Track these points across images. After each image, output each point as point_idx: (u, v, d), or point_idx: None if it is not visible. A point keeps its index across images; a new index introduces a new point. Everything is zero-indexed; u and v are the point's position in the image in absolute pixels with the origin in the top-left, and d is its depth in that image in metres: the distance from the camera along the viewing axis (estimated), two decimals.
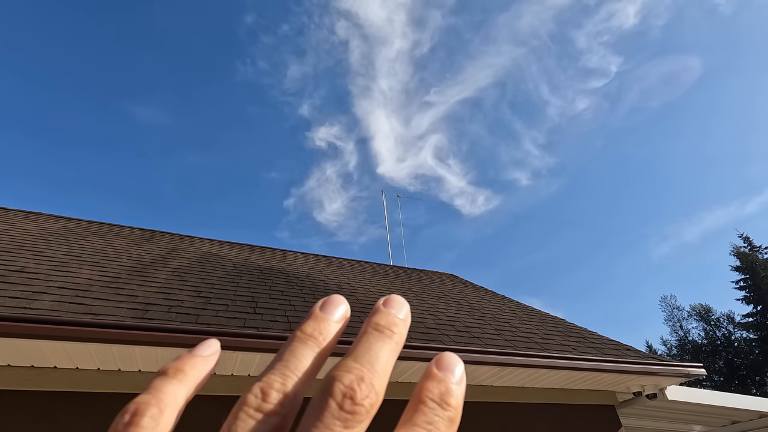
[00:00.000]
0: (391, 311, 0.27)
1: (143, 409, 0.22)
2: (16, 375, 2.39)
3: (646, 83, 59.84)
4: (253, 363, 2.65)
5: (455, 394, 0.24)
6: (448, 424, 0.22)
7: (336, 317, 0.27)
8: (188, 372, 0.25)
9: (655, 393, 3.75)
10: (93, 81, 58.88)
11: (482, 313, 4.82)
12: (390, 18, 62.16)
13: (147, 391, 0.23)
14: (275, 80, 67.48)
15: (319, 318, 0.27)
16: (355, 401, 0.21)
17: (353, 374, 0.22)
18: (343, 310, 0.28)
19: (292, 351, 0.24)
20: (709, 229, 57.51)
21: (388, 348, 0.25)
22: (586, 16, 58.88)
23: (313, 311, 0.27)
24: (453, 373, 0.25)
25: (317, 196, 75.78)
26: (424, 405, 0.23)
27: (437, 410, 0.22)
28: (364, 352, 0.24)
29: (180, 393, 0.24)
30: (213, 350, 0.28)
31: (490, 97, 67.48)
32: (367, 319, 0.26)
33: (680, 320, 36.23)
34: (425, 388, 0.23)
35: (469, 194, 71.84)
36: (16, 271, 2.93)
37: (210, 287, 3.57)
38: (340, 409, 0.20)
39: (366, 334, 0.25)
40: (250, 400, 0.21)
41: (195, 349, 0.27)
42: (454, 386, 0.24)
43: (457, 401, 0.23)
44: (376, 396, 0.22)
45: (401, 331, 0.26)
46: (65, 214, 5.94)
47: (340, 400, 0.21)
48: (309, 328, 0.26)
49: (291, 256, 6.67)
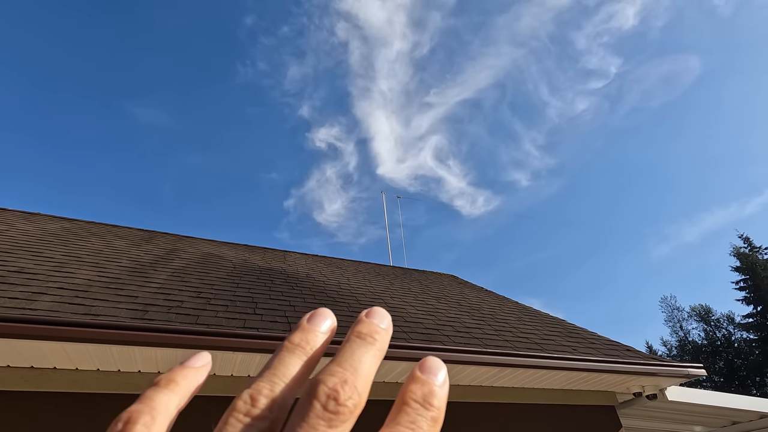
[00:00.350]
0: (373, 321, 0.28)
1: (136, 417, 0.23)
2: (16, 376, 2.38)
3: (645, 84, 59.93)
4: (252, 364, 2.64)
5: (438, 395, 0.25)
6: (431, 424, 0.23)
7: (323, 329, 0.29)
8: (180, 382, 0.26)
9: (655, 394, 3.75)
10: (94, 82, 58.97)
11: (482, 313, 4.82)
12: (390, 19, 62.27)
13: (139, 401, 0.24)
14: (275, 81, 67.62)
15: (307, 329, 0.28)
16: (339, 402, 0.22)
17: (337, 377, 0.23)
18: (330, 322, 0.29)
19: (280, 359, 0.26)
20: (709, 229, 57.59)
21: (370, 354, 0.26)
22: (586, 17, 59.00)
23: (300, 323, 0.29)
24: (436, 376, 0.26)
25: (317, 196, 75.82)
26: (408, 406, 0.24)
27: (420, 410, 0.23)
28: (347, 357, 0.25)
29: (172, 402, 0.25)
30: (204, 362, 0.29)
31: (490, 98, 67.61)
32: (350, 329, 0.28)
33: (680, 321, 36.23)
34: (409, 390, 0.25)
35: (468, 195, 71.92)
36: (16, 272, 2.92)
37: (210, 288, 3.57)
38: (324, 409, 0.22)
39: (349, 341, 0.27)
40: (240, 406, 0.22)
41: (187, 360, 0.28)
42: (437, 388, 0.25)
43: (440, 402, 0.25)
44: (359, 397, 0.23)
45: (383, 338, 0.28)
46: (65, 214, 5.94)
47: (324, 401, 0.22)
48: (296, 338, 0.27)
49: (291, 256, 6.67)
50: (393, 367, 2.90)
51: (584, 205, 77.39)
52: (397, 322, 3.61)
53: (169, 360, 2.50)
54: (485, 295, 6.48)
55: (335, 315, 1.53)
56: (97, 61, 60.67)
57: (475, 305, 5.30)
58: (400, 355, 2.75)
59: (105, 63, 61.31)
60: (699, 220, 60.65)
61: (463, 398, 3.37)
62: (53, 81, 59.15)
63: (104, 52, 60.36)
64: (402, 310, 4.18)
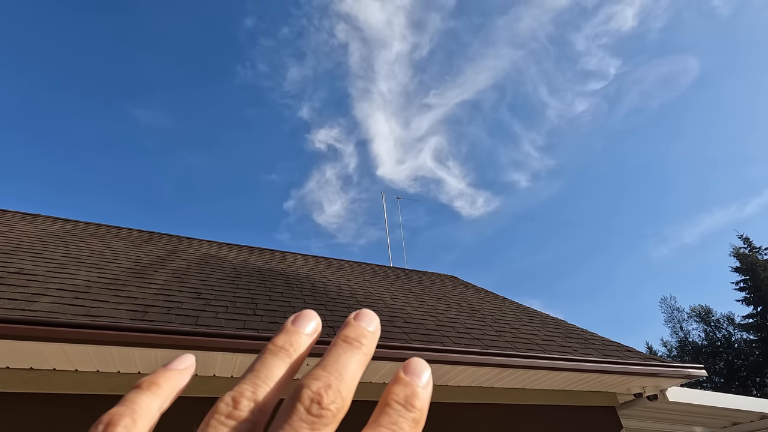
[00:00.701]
0: (361, 324, 0.28)
1: (117, 419, 0.23)
2: (15, 377, 2.38)
3: (644, 85, 60.01)
4: None
5: (420, 396, 0.25)
6: (412, 425, 0.23)
7: (307, 331, 0.28)
8: (162, 385, 0.26)
9: (655, 394, 3.74)
10: (94, 82, 59.03)
11: (482, 314, 4.81)
12: (389, 21, 62.35)
13: (121, 403, 0.24)
14: (275, 83, 67.68)
15: (291, 331, 0.28)
16: (322, 405, 0.22)
17: (321, 381, 0.23)
18: (315, 324, 0.29)
19: (263, 362, 0.25)
20: (709, 230, 57.60)
21: (356, 358, 0.26)
22: (585, 18, 59.08)
23: (284, 325, 0.28)
24: (420, 378, 0.26)
25: (317, 198, 75.81)
26: (389, 407, 0.24)
27: (402, 411, 0.23)
28: (332, 361, 0.25)
29: (154, 405, 0.25)
30: (187, 364, 0.29)
31: (490, 99, 67.67)
32: (338, 331, 0.28)
33: (680, 321, 36.21)
34: (392, 391, 0.25)
35: (468, 196, 71.94)
36: (15, 273, 2.92)
37: (210, 289, 3.56)
38: (307, 412, 0.22)
39: (335, 345, 0.26)
40: (222, 408, 0.22)
41: (170, 363, 0.28)
42: (420, 389, 0.25)
43: (422, 403, 0.25)
44: (342, 401, 0.23)
45: (370, 342, 0.28)
46: (65, 215, 5.94)
47: (308, 404, 0.22)
48: (280, 340, 0.27)
49: (291, 257, 6.66)
50: (392, 368, 2.90)
51: (584, 206, 77.43)
52: (397, 323, 3.61)
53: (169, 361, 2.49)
54: (485, 295, 6.47)
55: (335, 314, 1.54)
56: (98, 61, 60.76)
57: (475, 306, 5.29)
58: (400, 356, 2.75)
59: (105, 63, 61.41)
60: (699, 221, 60.72)
61: (464, 399, 3.36)
62: (53, 81, 59.22)
63: (105, 52, 60.46)
64: (402, 311, 4.17)
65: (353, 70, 66.19)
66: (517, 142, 70.33)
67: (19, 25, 46.91)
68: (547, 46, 62.50)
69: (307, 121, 70.86)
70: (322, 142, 70.99)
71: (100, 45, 59.27)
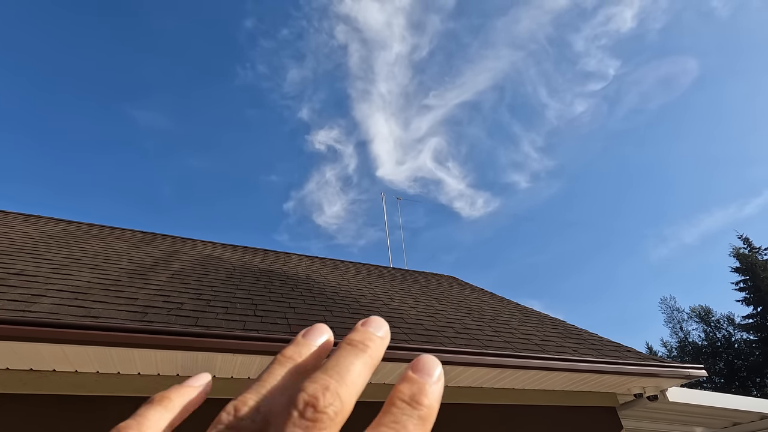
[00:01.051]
0: (368, 329, 0.27)
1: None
2: (15, 378, 2.38)
3: (644, 86, 60.07)
4: (252, 366, 2.64)
5: (428, 392, 0.24)
6: (417, 422, 0.22)
7: (318, 343, 0.28)
8: (174, 399, 0.26)
9: (656, 395, 3.74)
10: (94, 83, 59.05)
11: (482, 314, 4.81)
12: (389, 22, 62.42)
13: (132, 417, 0.24)
14: (275, 84, 67.74)
15: (301, 343, 0.28)
16: (317, 409, 0.21)
17: (318, 384, 0.22)
18: (326, 337, 0.29)
19: (270, 372, 0.25)
20: (709, 230, 57.61)
21: (360, 361, 0.25)
22: (584, 20, 59.14)
23: (296, 338, 0.28)
24: (430, 375, 0.25)
25: (317, 199, 75.84)
26: (393, 406, 0.23)
27: (406, 409, 0.23)
28: (333, 364, 0.24)
29: (163, 419, 0.25)
30: (202, 382, 0.29)
31: (489, 100, 67.74)
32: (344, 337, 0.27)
33: (680, 322, 36.18)
34: (398, 390, 0.24)
35: (468, 197, 71.97)
36: (15, 274, 2.92)
37: (209, 290, 3.56)
38: (301, 417, 0.21)
39: (339, 349, 0.26)
40: (223, 418, 0.22)
41: (186, 380, 0.29)
42: (429, 386, 0.24)
43: (430, 400, 0.23)
44: (341, 404, 0.22)
45: (376, 345, 0.27)
46: (65, 216, 5.94)
47: (302, 408, 0.21)
48: (289, 351, 0.27)
49: (291, 258, 6.66)
50: (393, 368, 2.90)
51: (584, 206, 77.49)
52: (397, 324, 3.61)
53: (169, 362, 2.49)
54: (485, 296, 6.47)
55: (335, 315, 1.55)
56: (97, 62, 60.78)
57: (475, 306, 5.29)
58: (400, 356, 2.75)
59: (105, 64, 61.44)
60: (698, 221, 60.73)
61: (464, 400, 3.36)
62: (53, 82, 59.24)
63: (104, 53, 60.48)
64: (402, 312, 4.17)
65: (353, 72, 66.27)
66: (517, 142, 70.42)
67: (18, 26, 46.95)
68: (546, 48, 62.60)
69: (307, 122, 70.94)
70: (322, 143, 71.07)
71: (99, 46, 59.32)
